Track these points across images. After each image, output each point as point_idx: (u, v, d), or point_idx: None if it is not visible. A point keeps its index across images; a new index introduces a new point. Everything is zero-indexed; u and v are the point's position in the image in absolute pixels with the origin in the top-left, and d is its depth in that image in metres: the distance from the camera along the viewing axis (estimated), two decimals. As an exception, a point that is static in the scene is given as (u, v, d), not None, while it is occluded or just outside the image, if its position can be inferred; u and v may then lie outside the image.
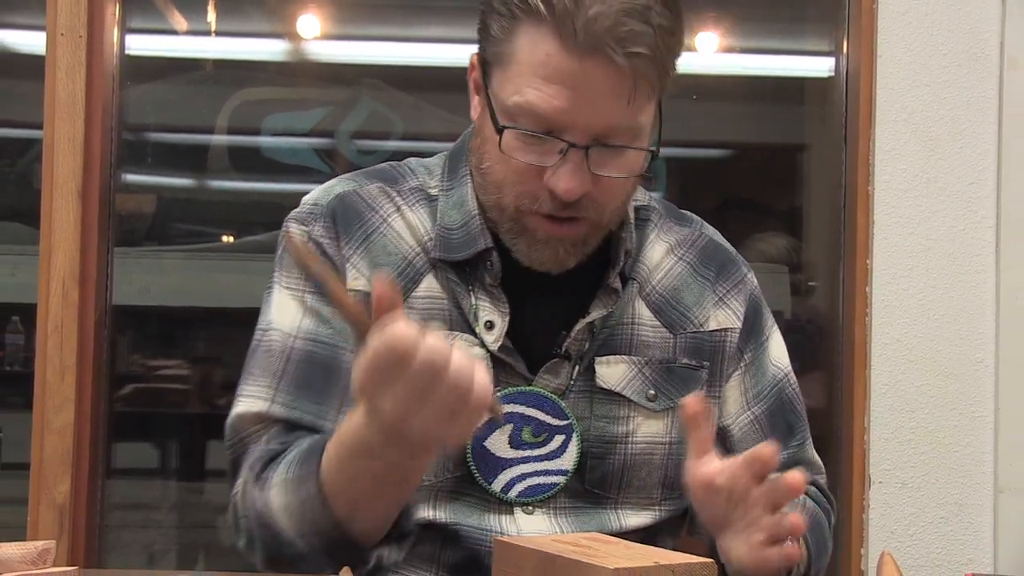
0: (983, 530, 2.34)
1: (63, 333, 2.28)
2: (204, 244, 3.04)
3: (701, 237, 1.47)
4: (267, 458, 1.27)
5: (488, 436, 1.31)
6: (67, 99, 2.29)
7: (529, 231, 1.28)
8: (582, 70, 1.19)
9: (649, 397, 1.36)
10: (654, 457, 1.35)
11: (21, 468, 2.35)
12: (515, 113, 1.23)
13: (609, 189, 1.26)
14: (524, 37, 1.22)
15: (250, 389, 1.32)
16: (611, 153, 1.24)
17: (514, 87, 1.22)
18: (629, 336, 1.37)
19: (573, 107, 1.20)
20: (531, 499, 1.32)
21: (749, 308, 1.44)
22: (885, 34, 2.36)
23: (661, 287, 1.40)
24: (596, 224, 1.29)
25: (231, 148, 3.03)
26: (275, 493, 1.23)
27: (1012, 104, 2.35)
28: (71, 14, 2.29)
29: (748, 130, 3.21)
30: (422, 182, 1.39)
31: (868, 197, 2.36)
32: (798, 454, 1.45)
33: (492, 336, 1.31)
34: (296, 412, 1.29)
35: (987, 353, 2.35)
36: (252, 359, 1.34)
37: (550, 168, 1.23)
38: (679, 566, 1.01)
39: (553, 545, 1.06)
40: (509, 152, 1.24)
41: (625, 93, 1.21)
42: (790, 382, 1.47)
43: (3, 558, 1.08)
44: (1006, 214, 2.35)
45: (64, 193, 2.28)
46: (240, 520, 1.29)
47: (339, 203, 1.36)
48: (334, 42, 3.07)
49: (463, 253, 1.32)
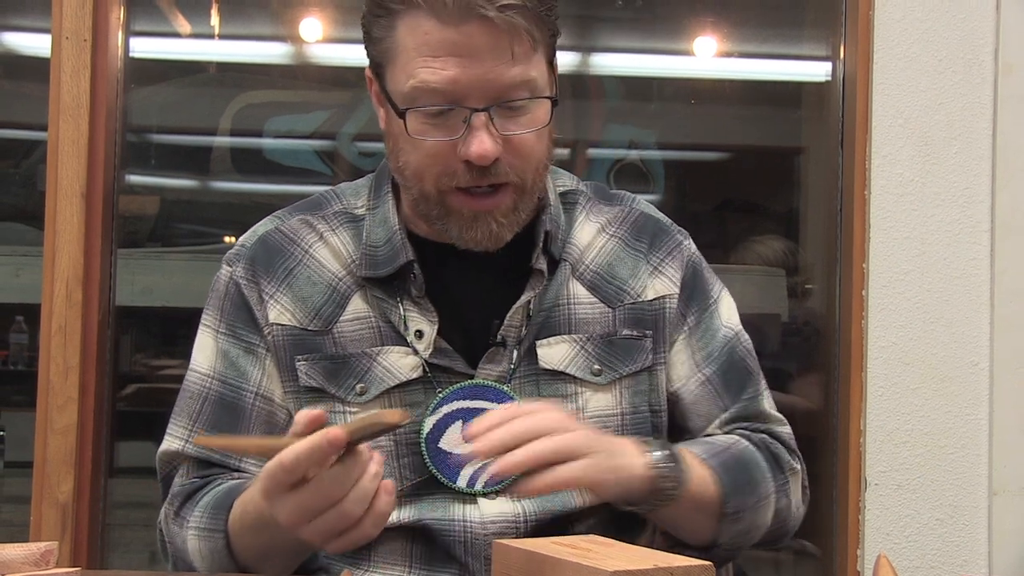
0: (978, 532, 2.35)
1: (67, 333, 2.29)
2: (207, 245, 3.05)
3: (632, 212, 1.49)
4: (184, 495, 1.37)
5: (440, 438, 1.35)
6: (72, 101, 2.30)
7: (455, 211, 1.32)
8: (461, 35, 1.24)
9: (594, 372, 1.39)
10: (608, 430, 1.37)
11: (24, 467, 2.36)
12: (413, 96, 1.27)
13: (521, 147, 1.30)
14: (403, 27, 1.27)
15: (172, 428, 1.43)
16: (512, 112, 1.28)
17: (406, 74, 1.27)
18: (567, 316, 1.40)
19: (463, 73, 1.25)
20: (498, 487, 1.35)
21: (687, 273, 1.47)
22: (881, 39, 2.37)
23: (595, 265, 1.43)
24: (520, 188, 1.32)
25: (234, 150, 3.04)
26: (190, 536, 1.33)
27: (1007, 109, 2.36)
28: (76, 17, 2.30)
29: (745, 134, 3.21)
30: (347, 204, 1.45)
31: (864, 201, 2.37)
32: (750, 406, 1.46)
33: (423, 344, 1.36)
34: (205, 452, 1.39)
35: (982, 356, 2.36)
36: (179, 397, 1.44)
37: (459, 139, 1.27)
38: (677, 568, 1.02)
39: (552, 547, 1.08)
40: (417, 135, 1.28)
41: (507, 47, 1.25)
42: (741, 340, 1.48)
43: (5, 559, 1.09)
44: (1001, 218, 2.36)
45: (68, 194, 2.29)
46: (166, 545, 1.41)
47: (260, 245, 1.43)
48: (336, 45, 3.07)
49: (387, 269, 1.37)
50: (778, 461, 1.43)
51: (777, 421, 1.49)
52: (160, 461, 1.43)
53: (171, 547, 1.39)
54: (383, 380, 1.36)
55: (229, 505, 1.30)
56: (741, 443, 1.41)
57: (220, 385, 1.40)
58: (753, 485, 1.38)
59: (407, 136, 1.29)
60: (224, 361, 1.41)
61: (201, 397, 1.41)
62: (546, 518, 1.35)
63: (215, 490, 1.35)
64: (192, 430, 1.40)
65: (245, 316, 1.40)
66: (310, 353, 1.37)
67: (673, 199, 3.07)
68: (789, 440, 1.48)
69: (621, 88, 3.01)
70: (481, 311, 1.38)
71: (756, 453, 1.41)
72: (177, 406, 1.43)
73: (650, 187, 3.02)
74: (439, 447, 1.35)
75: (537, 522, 1.34)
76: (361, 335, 1.37)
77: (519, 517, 1.34)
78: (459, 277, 1.39)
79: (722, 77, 3.14)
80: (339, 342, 1.37)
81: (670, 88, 3.22)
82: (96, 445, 2.34)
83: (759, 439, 1.44)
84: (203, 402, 1.41)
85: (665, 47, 3.20)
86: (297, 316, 1.38)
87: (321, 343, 1.37)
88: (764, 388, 1.50)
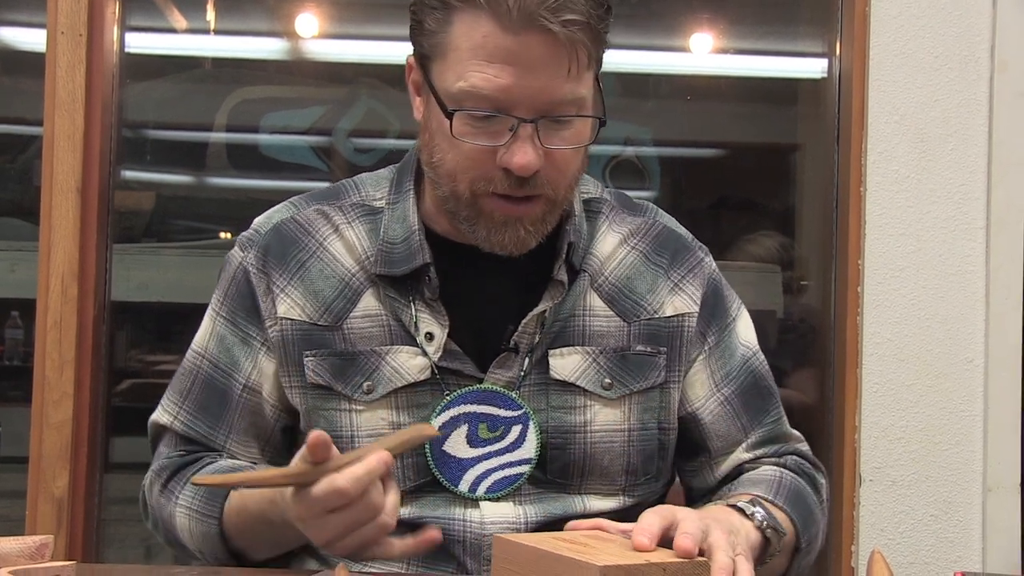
0: (972, 528, 2.36)
1: (62, 328, 2.29)
2: (202, 241, 3.04)
3: (655, 225, 1.48)
4: (172, 468, 1.40)
5: (446, 440, 1.34)
6: (67, 96, 2.30)
7: (486, 214, 1.30)
8: (520, 45, 1.21)
9: (605, 386, 1.38)
10: (614, 445, 1.37)
11: (20, 462, 2.36)
12: (461, 98, 1.25)
13: (561, 162, 1.28)
14: (460, 24, 1.24)
15: (165, 400, 1.45)
16: (559, 126, 1.26)
17: (456, 74, 1.25)
18: (582, 327, 1.39)
19: (517, 83, 1.22)
20: (499, 493, 1.35)
21: (707, 291, 1.45)
22: (877, 36, 2.38)
23: (613, 277, 1.42)
24: (552, 200, 1.31)
25: (229, 145, 3.03)
26: (179, 513, 1.36)
27: (1002, 106, 2.37)
28: (71, 12, 2.30)
29: (741, 130, 3.21)
30: (365, 196, 1.43)
31: (860, 198, 2.38)
32: (774, 430, 1.46)
33: (433, 347, 1.35)
34: (191, 431, 1.41)
35: (977, 353, 2.37)
36: (178, 371, 1.46)
37: (502, 147, 1.25)
38: (670, 564, 1.02)
39: (550, 542, 1.08)
40: (460, 137, 1.26)
41: (565, 62, 1.23)
42: (759, 360, 1.48)
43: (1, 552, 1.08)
44: (996, 215, 2.36)
45: (64, 190, 2.29)
46: (149, 509, 1.44)
47: (274, 234, 1.42)
48: (332, 41, 3.07)
49: (402, 268, 1.35)
50: (815, 483, 1.44)
51: (797, 440, 1.49)
52: (151, 428, 1.47)
53: (155, 514, 1.42)
54: (391, 380, 1.35)
55: (224, 494, 1.32)
56: (786, 475, 1.41)
57: (211, 367, 1.41)
58: (813, 516, 1.39)
59: (446, 134, 1.27)
60: (219, 345, 1.41)
61: (192, 375, 1.43)
62: (546, 522, 1.35)
63: (205, 471, 1.37)
64: (181, 407, 1.42)
65: (248, 305, 1.40)
66: (318, 348, 1.36)
67: (669, 196, 3.07)
68: (812, 456, 1.49)
69: (617, 85, 3.01)
70: (495, 315, 1.37)
71: (801, 481, 1.42)
72: (174, 379, 1.45)
73: (646, 184, 3.02)
74: (444, 450, 1.34)
75: (537, 525, 1.34)
76: (371, 333, 1.36)
77: (519, 519, 1.34)
78: (476, 279, 1.38)
79: (718, 74, 3.13)
80: (348, 338, 1.36)
81: (666, 85, 3.22)
82: (91, 440, 2.35)
83: (793, 464, 1.44)
84: (193, 381, 1.42)
85: (661, 43, 3.20)
86: (307, 310, 1.37)
87: (330, 338, 1.36)
88: (781, 408, 1.49)
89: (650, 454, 1.40)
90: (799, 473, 1.43)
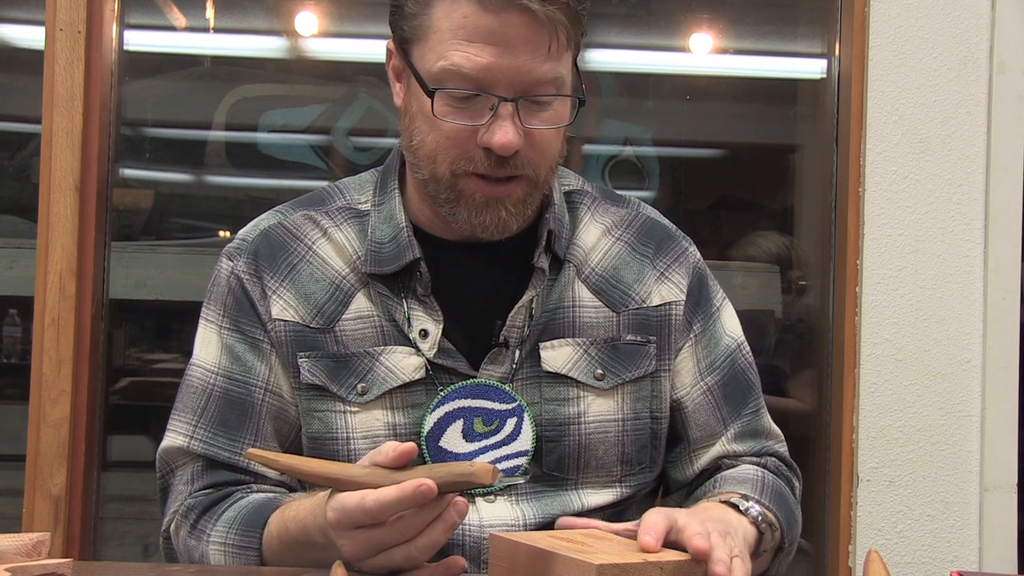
0: (969, 528, 2.36)
1: (60, 326, 2.28)
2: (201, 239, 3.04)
3: (638, 217, 1.49)
4: (201, 508, 1.35)
5: (441, 436, 1.34)
6: (66, 94, 2.30)
7: (467, 195, 1.30)
8: (501, 25, 1.23)
9: (597, 376, 1.38)
10: (608, 435, 1.38)
11: (17, 460, 2.35)
12: (442, 78, 1.26)
13: (541, 143, 1.29)
14: (440, 6, 1.26)
15: (175, 424, 1.40)
16: (538, 106, 1.28)
17: (437, 54, 1.26)
18: (571, 319, 1.39)
19: (497, 62, 1.24)
20: (496, 489, 1.35)
21: (693, 280, 1.46)
22: (877, 37, 2.38)
23: (600, 268, 1.42)
24: (533, 181, 1.31)
25: (228, 144, 3.03)
26: (214, 551, 1.31)
27: (1001, 107, 2.37)
28: (70, 9, 2.30)
29: (741, 131, 3.21)
30: (350, 200, 1.44)
31: (859, 198, 2.38)
32: (753, 423, 1.47)
33: (427, 344, 1.35)
34: (213, 449, 1.37)
35: (975, 353, 2.37)
36: (180, 392, 1.41)
37: (482, 127, 1.26)
38: (668, 563, 1.02)
39: (547, 540, 1.08)
40: (441, 116, 1.26)
41: (545, 41, 1.24)
42: (743, 352, 1.49)
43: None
44: (994, 216, 2.37)
45: (62, 187, 2.29)
46: (176, 553, 1.39)
47: (262, 239, 1.41)
48: (331, 39, 3.07)
49: (393, 266, 1.36)
50: (791, 486, 1.45)
51: (776, 438, 1.50)
52: (160, 459, 1.41)
53: (184, 557, 1.37)
54: (385, 380, 1.35)
55: (261, 523, 1.27)
56: (768, 476, 1.41)
57: (226, 382, 1.38)
58: (795, 516, 1.40)
59: (427, 115, 1.27)
60: (230, 357, 1.39)
61: (206, 393, 1.39)
62: (544, 522, 1.35)
63: (237, 504, 1.33)
64: (196, 426, 1.37)
65: (249, 311, 1.39)
66: (312, 350, 1.36)
67: (668, 196, 3.07)
68: (788, 458, 1.49)
69: (616, 84, 3.01)
70: (484, 311, 1.38)
71: (780, 482, 1.42)
72: (179, 402, 1.41)
73: (645, 184, 3.02)
74: (439, 445, 1.35)
75: (536, 525, 1.34)
76: (364, 334, 1.36)
77: (518, 520, 1.34)
78: (463, 275, 1.38)
79: (717, 74, 3.14)
80: (341, 341, 1.36)
81: (665, 85, 3.22)
82: (89, 438, 2.34)
83: (772, 465, 1.45)
84: (207, 398, 1.38)
85: (661, 44, 3.20)
86: (300, 313, 1.37)
87: (323, 341, 1.36)
88: (762, 401, 1.50)
89: (643, 443, 1.41)
90: (777, 475, 1.44)
